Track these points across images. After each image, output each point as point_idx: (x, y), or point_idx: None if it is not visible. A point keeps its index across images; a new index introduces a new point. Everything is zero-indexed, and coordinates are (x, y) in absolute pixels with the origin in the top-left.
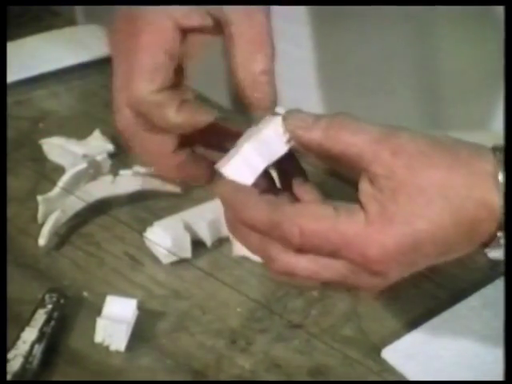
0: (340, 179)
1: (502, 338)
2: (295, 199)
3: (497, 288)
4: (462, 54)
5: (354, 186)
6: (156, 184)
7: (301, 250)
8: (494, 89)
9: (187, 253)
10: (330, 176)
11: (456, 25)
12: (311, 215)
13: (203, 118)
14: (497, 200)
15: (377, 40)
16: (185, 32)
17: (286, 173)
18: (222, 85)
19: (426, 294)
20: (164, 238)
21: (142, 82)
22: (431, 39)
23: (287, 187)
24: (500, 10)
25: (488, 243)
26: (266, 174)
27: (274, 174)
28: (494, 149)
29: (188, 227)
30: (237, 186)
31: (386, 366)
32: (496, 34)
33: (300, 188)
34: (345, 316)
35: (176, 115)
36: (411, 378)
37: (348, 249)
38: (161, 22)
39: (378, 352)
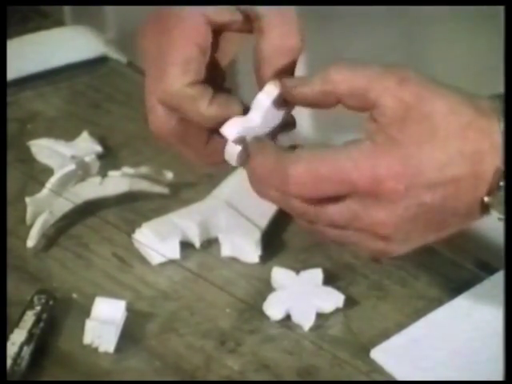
0: None
1: (491, 338)
2: None
3: (485, 288)
4: (452, 54)
5: None
6: (144, 185)
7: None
8: (485, 88)
9: (176, 254)
10: None
11: (446, 23)
12: (318, 153)
13: (234, 109)
14: (499, 135)
15: (366, 39)
16: (217, 29)
17: None
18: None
19: (414, 293)
20: (152, 239)
21: (175, 75)
22: (421, 38)
23: None
24: (492, 9)
25: (493, 186)
26: None
27: None
28: (491, 96)
29: (177, 228)
30: (259, 142)
31: (374, 367)
32: (487, 32)
33: None
34: (333, 316)
35: (208, 108)
36: (400, 378)
37: (357, 172)
38: (192, 18)
39: (367, 352)
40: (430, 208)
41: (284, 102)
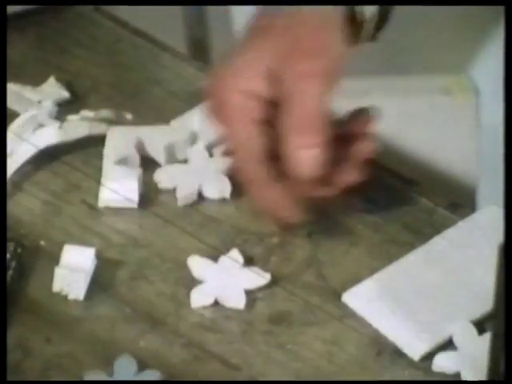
0: None
1: (463, 282)
2: None
3: (459, 230)
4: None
5: None
6: (104, 128)
7: None
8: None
9: (134, 202)
10: None
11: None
12: None
13: None
14: None
15: None
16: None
17: None
18: (180, 30)
19: (387, 238)
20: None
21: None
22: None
23: None
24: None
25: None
26: None
27: None
28: None
29: (141, 145)
30: None
31: (347, 311)
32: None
33: None
34: (305, 262)
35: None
36: (371, 321)
37: None
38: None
39: (339, 297)
40: None
41: None
